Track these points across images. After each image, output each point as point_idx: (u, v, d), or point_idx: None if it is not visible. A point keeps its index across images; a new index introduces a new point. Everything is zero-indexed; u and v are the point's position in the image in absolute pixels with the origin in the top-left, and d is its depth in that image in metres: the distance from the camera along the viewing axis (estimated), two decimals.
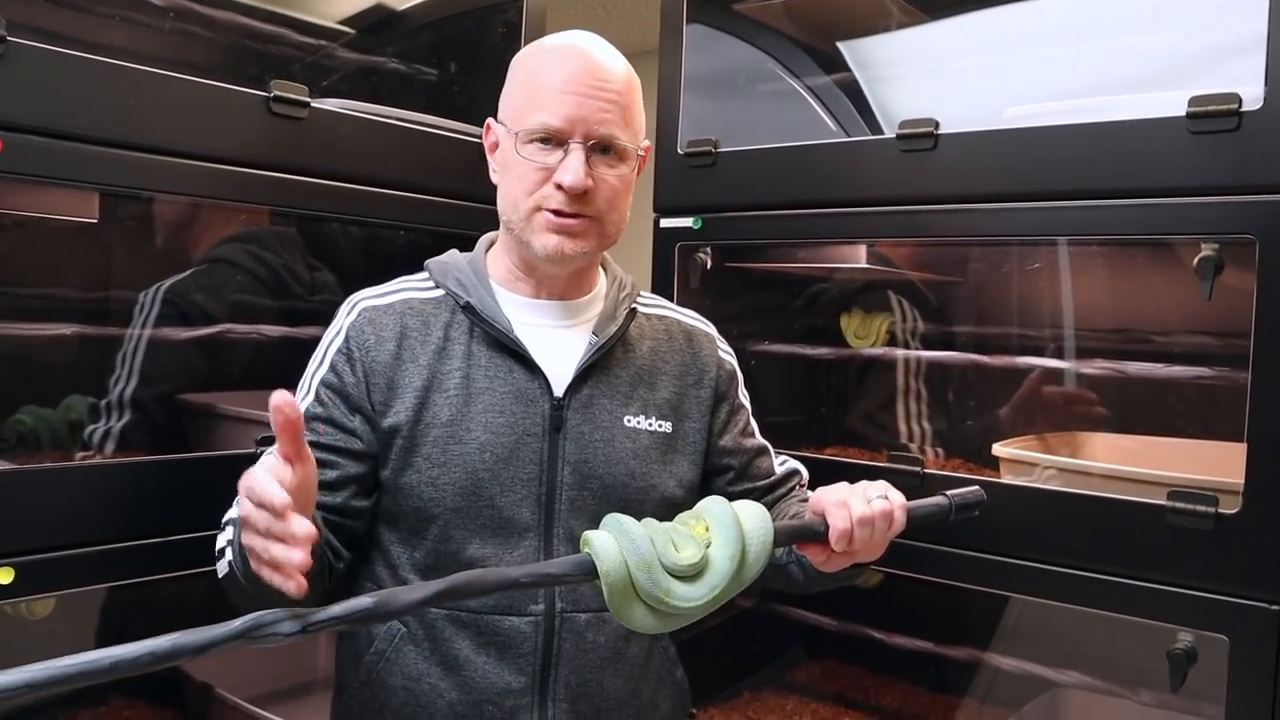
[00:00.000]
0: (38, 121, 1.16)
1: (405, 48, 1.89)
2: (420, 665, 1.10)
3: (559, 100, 1.08)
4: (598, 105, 1.08)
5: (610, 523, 0.93)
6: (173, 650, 0.68)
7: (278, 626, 0.74)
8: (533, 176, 1.09)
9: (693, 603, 0.92)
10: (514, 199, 1.12)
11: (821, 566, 1.07)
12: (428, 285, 1.17)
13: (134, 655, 0.66)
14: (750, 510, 0.97)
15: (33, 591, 1.21)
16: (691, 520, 0.97)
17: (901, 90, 1.88)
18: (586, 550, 0.91)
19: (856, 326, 1.80)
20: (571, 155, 1.08)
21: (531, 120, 1.09)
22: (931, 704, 1.78)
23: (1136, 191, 1.31)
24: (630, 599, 0.90)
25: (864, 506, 1.00)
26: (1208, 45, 1.41)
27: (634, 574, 0.89)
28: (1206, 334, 1.49)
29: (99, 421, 1.44)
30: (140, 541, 1.27)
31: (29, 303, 1.42)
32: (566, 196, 1.08)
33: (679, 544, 0.93)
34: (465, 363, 1.11)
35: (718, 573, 0.93)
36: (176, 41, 1.60)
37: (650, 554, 0.90)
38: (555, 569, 0.91)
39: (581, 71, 1.09)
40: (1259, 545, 1.21)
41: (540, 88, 1.09)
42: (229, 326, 1.54)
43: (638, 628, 0.92)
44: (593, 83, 1.09)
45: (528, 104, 1.10)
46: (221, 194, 1.37)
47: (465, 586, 0.83)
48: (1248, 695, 1.21)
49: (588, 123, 1.08)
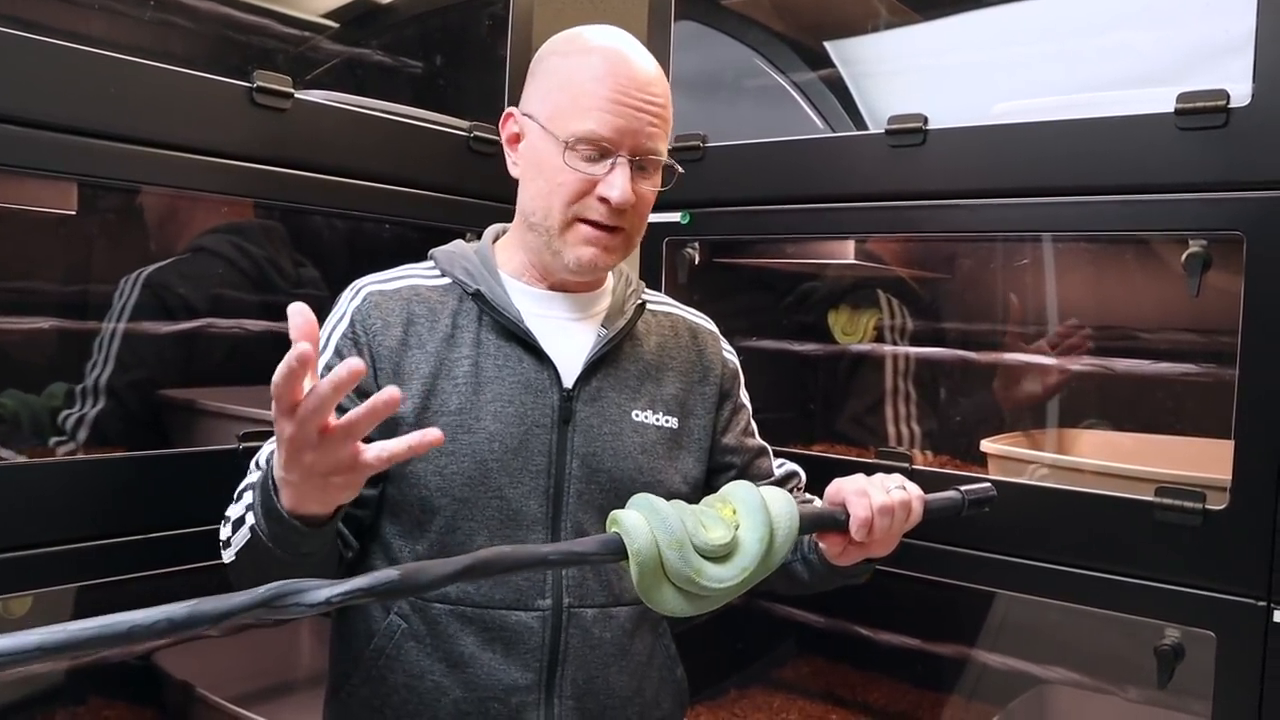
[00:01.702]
0: (14, 110, 1.14)
1: (390, 40, 1.87)
2: (423, 662, 1.09)
3: (611, 111, 1.05)
4: (647, 120, 1.07)
5: (639, 502, 0.92)
6: (191, 618, 0.65)
7: (302, 596, 0.71)
8: (575, 186, 1.07)
9: (724, 584, 0.91)
10: (548, 205, 1.09)
11: (836, 559, 1.07)
12: (434, 273, 1.16)
13: (151, 621, 0.64)
14: (776, 494, 0.97)
15: (9, 590, 1.19)
16: (718, 503, 0.96)
17: (889, 88, 1.88)
18: (615, 529, 0.89)
19: (844, 323, 1.80)
20: (618, 170, 1.06)
21: (579, 127, 1.06)
22: (918, 701, 1.78)
23: (1125, 188, 1.31)
24: (660, 580, 0.89)
25: (884, 496, 1.01)
26: (1196, 42, 1.41)
27: (665, 553, 0.88)
28: (1194, 331, 1.50)
29: (74, 407, 1.42)
30: (119, 539, 1.25)
31: (8, 296, 1.39)
32: (609, 210, 1.07)
33: (708, 524, 0.92)
34: (474, 351, 1.10)
35: (748, 554, 0.92)
36: (158, 31, 1.58)
37: (682, 533, 0.89)
38: (584, 547, 0.88)
39: (632, 83, 1.07)
40: (1246, 542, 1.21)
41: (587, 94, 1.06)
42: (210, 321, 1.52)
43: (666, 610, 0.91)
44: (643, 96, 1.07)
45: (573, 108, 1.07)
46: (203, 186, 1.35)
47: (495, 561, 0.80)
48: (1235, 691, 1.21)
49: (636, 137, 1.07)
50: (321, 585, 0.72)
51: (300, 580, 0.71)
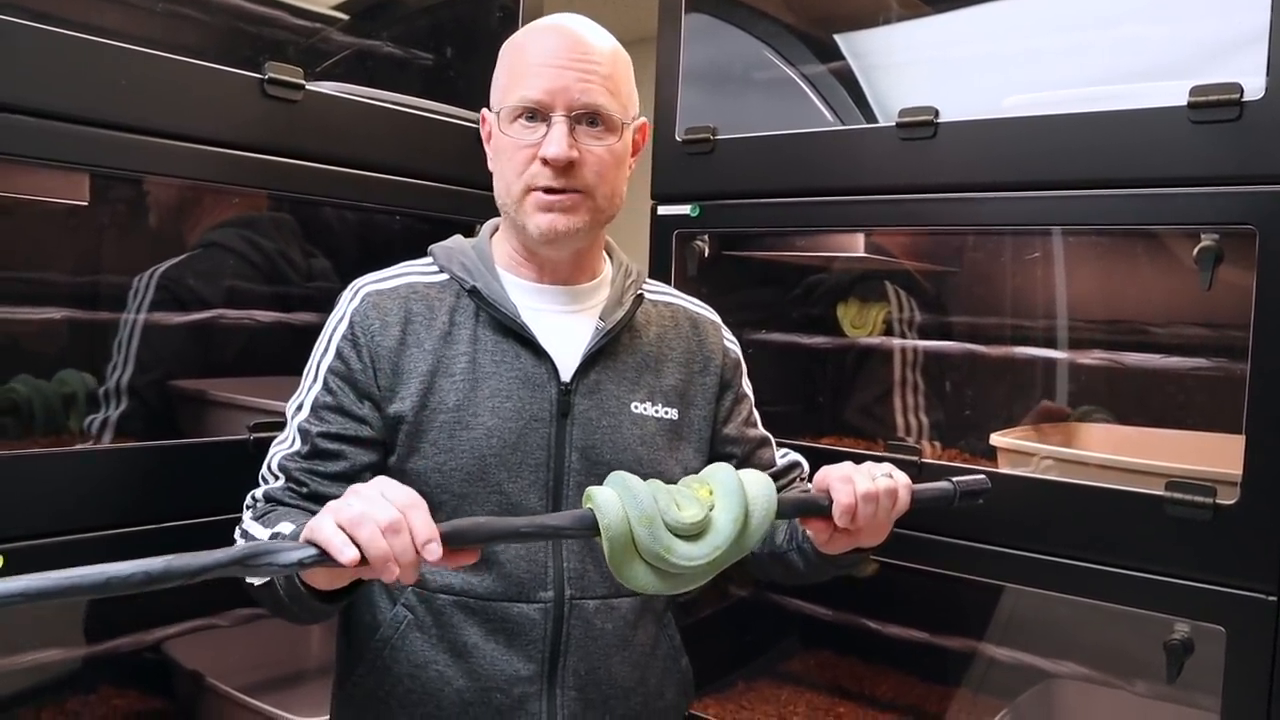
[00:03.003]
0: (27, 101, 1.14)
1: (401, 32, 1.87)
2: (427, 652, 1.09)
3: (538, 73, 1.07)
4: (577, 75, 1.07)
5: (614, 479, 0.93)
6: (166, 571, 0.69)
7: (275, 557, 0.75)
8: (520, 155, 1.08)
9: (694, 562, 0.91)
10: (506, 182, 1.11)
11: (824, 546, 1.07)
12: (432, 270, 1.16)
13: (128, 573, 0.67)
14: (754, 477, 0.97)
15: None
16: (695, 483, 0.97)
17: (900, 80, 1.88)
18: (589, 505, 0.91)
19: (853, 316, 1.79)
20: (554, 128, 1.06)
21: (513, 97, 1.08)
22: (926, 694, 1.78)
23: (1137, 181, 1.30)
24: (631, 556, 0.90)
25: (868, 483, 1.00)
26: (1209, 35, 1.40)
27: (635, 529, 0.89)
28: (1205, 325, 1.49)
29: (98, 411, 1.43)
30: (132, 528, 1.26)
31: (19, 286, 1.40)
32: (553, 171, 1.07)
33: (682, 503, 0.93)
34: (472, 347, 1.10)
35: (720, 534, 0.93)
36: (170, 22, 1.59)
37: (653, 509, 0.90)
38: (557, 521, 0.91)
39: (562, 45, 1.08)
40: (1257, 536, 1.20)
41: (518, 66, 1.09)
42: (222, 312, 1.53)
43: (637, 587, 0.92)
44: (573, 54, 1.08)
45: (510, 83, 1.10)
46: (214, 177, 1.36)
47: (469, 530, 0.83)
48: (1244, 686, 1.21)
49: (569, 93, 1.07)
50: (294, 548, 0.77)
51: (273, 542, 0.74)
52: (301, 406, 1.10)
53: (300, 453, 1.07)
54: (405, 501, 0.83)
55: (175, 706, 1.58)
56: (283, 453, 1.09)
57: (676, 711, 1.24)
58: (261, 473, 1.10)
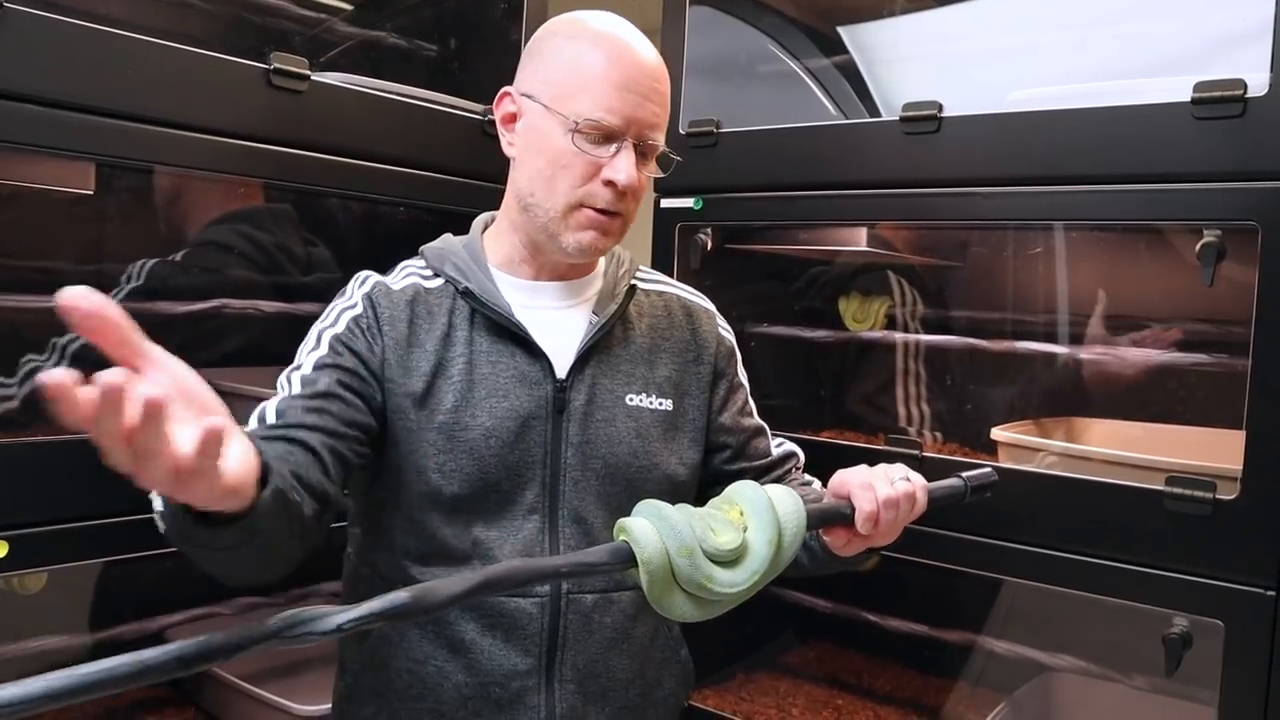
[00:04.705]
0: (33, 90, 1.14)
1: (406, 23, 1.87)
2: (425, 648, 1.10)
3: (619, 98, 1.06)
4: (652, 109, 1.08)
5: (646, 509, 0.90)
6: (201, 652, 0.64)
7: (313, 625, 0.70)
8: (581, 169, 1.07)
9: (735, 589, 0.89)
10: (551, 186, 1.09)
11: (840, 550, 1.07)
12: (427, 272, 1.16)
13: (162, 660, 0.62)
14: (781, 494, 0.95)
15: (25, 566, 1.20)
16: (724, 505, 0.95)
17: (904, 74, 1.87)
18: (623, 538, 0.87)
19: (855, 309, 1.80)
20: (624, 155, 1.07)
21: (587, 110, 1.06)
22: (925, 687, 1.79)
23: (1140, 177, 1.30)
24: (670, 587, 0.88)
25: (889, 489, 1.00)
26: (1213, 31, 1.40)
27: (675, 560, 0.86)
28: (1206, 321, 1.50)
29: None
30: (133, 516, 1.26)
31: (26, 274, 1.40)
32: (614, 195, 1.08)
33: (717, 529, 0.90)
34: (468, 349, 1.11)
35: (757, 557, 0.90)
36: (175, 12, 1.59)
37: (691, 540, 0.87)
38: (593, 558, 0.87)
39: (638, 70, 1.08)
40: (1256, 531, 1.21)
41: (596, 79, 1.07)
42: (225, 302, 1.53)
43: (676, 616, 0.90)
44: (648, 83, 1.08)
45: (580, 92, 1.07)
46: (219, 167, 1.36)
47: (505, 578, 0.78)
48: (1242, 680, 1.21)
49: (641, 124, 1.08)
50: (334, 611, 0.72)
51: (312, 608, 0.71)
52: (300, 365, 1.07)
53: (304, 394, 1.02)
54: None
55: (178, 694, 1.59)
56: (278, 400, 1.03)
57: (676, 702, 1.25)
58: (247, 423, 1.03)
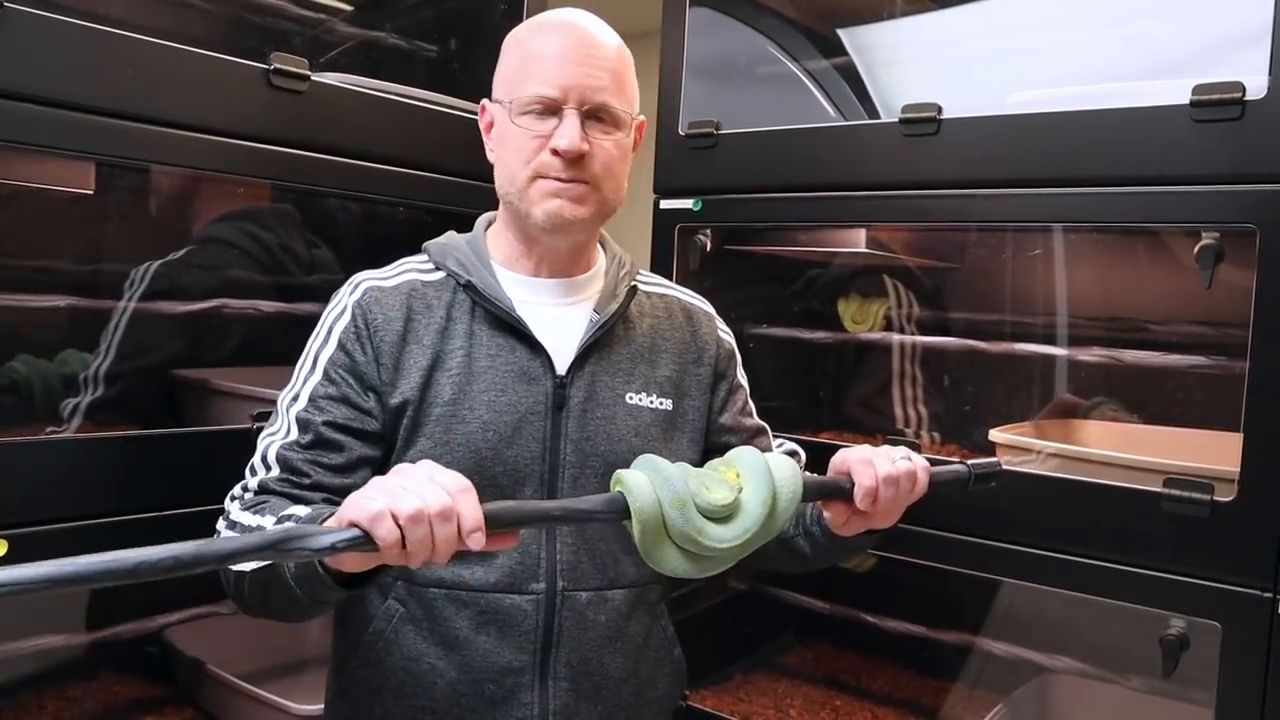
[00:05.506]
0: (34, 90, 1.15)
1: (406, 23, 1.88)
2: (419, 645, 1.10)
3: (552, 69, 1.08)
4: (590, 72, 1.09)
5: (643, 463, 0.93)
6: (197, 556, 0.66)
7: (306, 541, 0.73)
8: (529, 145, 1.09)
9: (725, 544, 0.91)
10: (511, 170, 1.12)
11: (840, 529, 1.08)
12: (428, 267, 1.16)
13: (158, 558, 0.65)
14: (780, 460, 0.98)
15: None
16: (722, 466, 0.97)
17: (904, 76, 1.88)
18: (619, 488, 0.90)
19: (854, 311, 1.80)
20: (566, 121, 1.08)
21: (526, 91, 1.09)
22: (922, 688, 1.79)
23: (1139, 179, 1.30)
24: (662, 539, 0.90)
25: (889, 465, 1.02)
26: (1212, 34, 1.41)
27: (667, 512, 0.89)
28: (1204, 323, 1.50)
29: (74, 395, 1.42)
30: (135, 516, 1.26)
31: (25, 273, 1.40)
32: (563, 162, 1.08)
33: (711, 486, 0.93)
34: (467, 342, 1.11)
35: (750, 516, 0.93)
36: (176, 12, 1.59)
37: (685, 492, 0.90)
38: (588, 505, 0.89)
39: (574, 42, 1.10)
40: (1253, 533, 1.21)
41: (534, 59, 1.10)
42: (225, 301, 1.53)
43: (668, 570, 0.92)
44: (585, 51, 1.10)
45: (522, 76, 1.10)
46: (219, 167, 1.36)
47: (501, 515, 0.81)
48: (1239, 682, 1.21)
49: (581, 90, 1.08)
50: (329, 532, 0.76)
51: (305, 525, 0.73)
52: (298, 397, 1.09)
53: (301, 442, 1.06)
54: (456, 486, 0.81)
55: (176, 693, 1.59)
56: (279, 443, 1.07)
57: (669, 701, 1.25)
58: (251, 463, 1.08)
